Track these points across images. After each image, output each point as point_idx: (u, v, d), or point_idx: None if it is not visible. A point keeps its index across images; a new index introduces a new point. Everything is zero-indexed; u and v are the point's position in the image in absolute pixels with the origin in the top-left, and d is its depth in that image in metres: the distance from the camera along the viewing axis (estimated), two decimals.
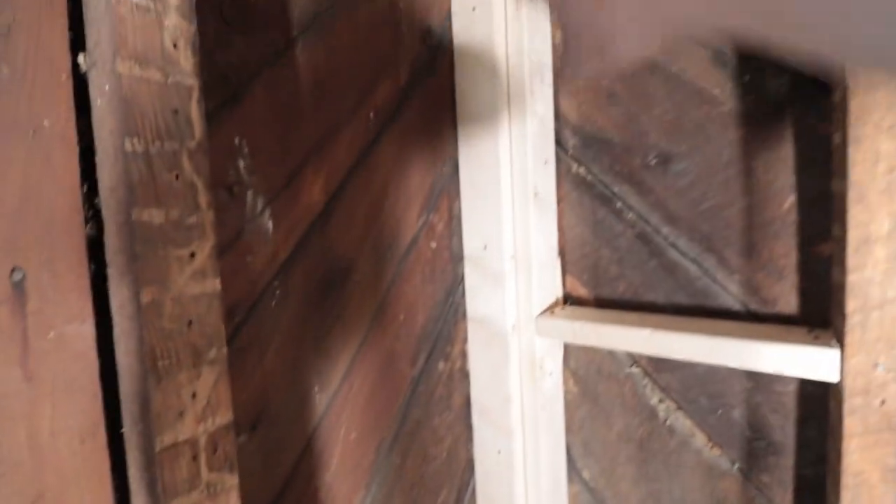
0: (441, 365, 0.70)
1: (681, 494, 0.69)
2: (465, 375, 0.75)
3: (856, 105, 0.45)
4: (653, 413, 0.70)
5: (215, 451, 0.31)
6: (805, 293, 0.57)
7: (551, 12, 0.73)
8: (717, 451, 0.65)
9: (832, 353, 0.49)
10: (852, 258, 0.46)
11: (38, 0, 0.29)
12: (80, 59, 0.31)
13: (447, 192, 0.71)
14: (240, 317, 0.42)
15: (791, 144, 0.57)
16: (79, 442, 0.31)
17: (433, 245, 0.69)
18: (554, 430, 0.77)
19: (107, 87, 0.29)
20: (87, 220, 0.32)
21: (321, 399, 0.51)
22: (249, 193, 0.43)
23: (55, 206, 0.30)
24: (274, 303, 0.45)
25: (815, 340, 0.52)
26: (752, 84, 0.58)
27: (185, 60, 0.30)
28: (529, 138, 0.70)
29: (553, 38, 0.74)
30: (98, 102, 0.30)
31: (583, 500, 0.78)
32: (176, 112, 0.29)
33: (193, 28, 0.31)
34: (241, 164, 0.42)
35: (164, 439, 0.29)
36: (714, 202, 0.62)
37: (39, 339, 0.29)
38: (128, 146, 0.27)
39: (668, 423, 0.69)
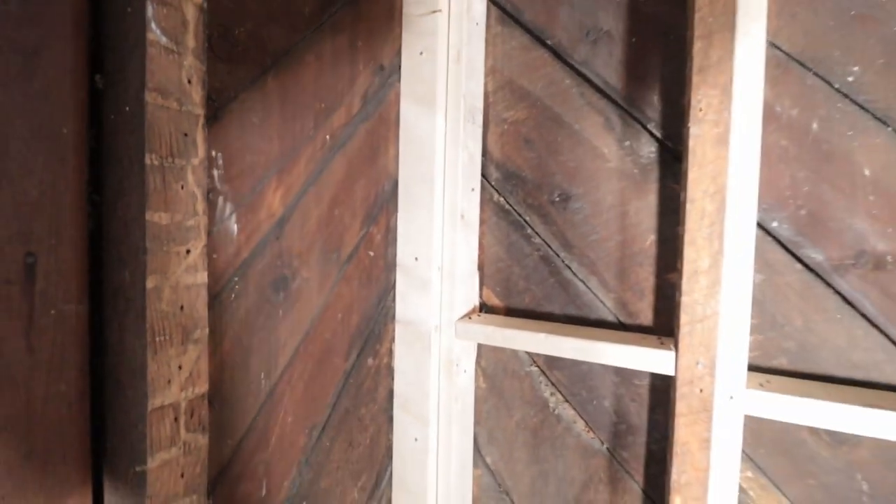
0: (370, 361, 0.79)
1: (563, 472, 0.84)
2: (391, 371, 0.84)
3: (692, 176, 0.62)
4: (545, 404, 0.84)
5: (192, 415, 0.38)
6: (658, 309, 0.75)
7: (486, 63, 0.87)
8: (591, 435, 0.81)
9: (670, 355, 0.67)
10: (685, 285, 0.64)
11: (64, 25, 0.35)
12: (97, 78, 0.37)
13: (387, 207, 0.81)
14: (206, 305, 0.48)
15: (654, 197, 0.75)
16: (66, 407, 0.36)
17: (371, 254, 0.78)
18: (464, 421, 0.88)
19: (127, 109, 0.35)
20: (89, 216, 0.37)
21: (266, 384, 0.57)
22: (220, 199, 0.50)
23: (65, 201, 0.35)
24: (233, 296, 0.52)
25: (661, 345, 0.69)
26: (630, 148, 0.76)
27: (196, 94, 0.37)
28: (460, 168, 0.82)
29: (485, 86, 0.87)
30: (112, 117, 0.36)
31: (485, 482, 0.90)
32: (186, 135, 0.36)
33: (204, 67, 0.38)
34: (216, 174, 0.48)
35: (155, 402, 0.35)
36: (599, 236, 0.79)
37: (43, 316, 0.34)
38: (147, 160, 0.34)
39: (556, 412, 0.84)
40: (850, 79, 0.63)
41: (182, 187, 0.36)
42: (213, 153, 0.48)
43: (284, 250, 0.59)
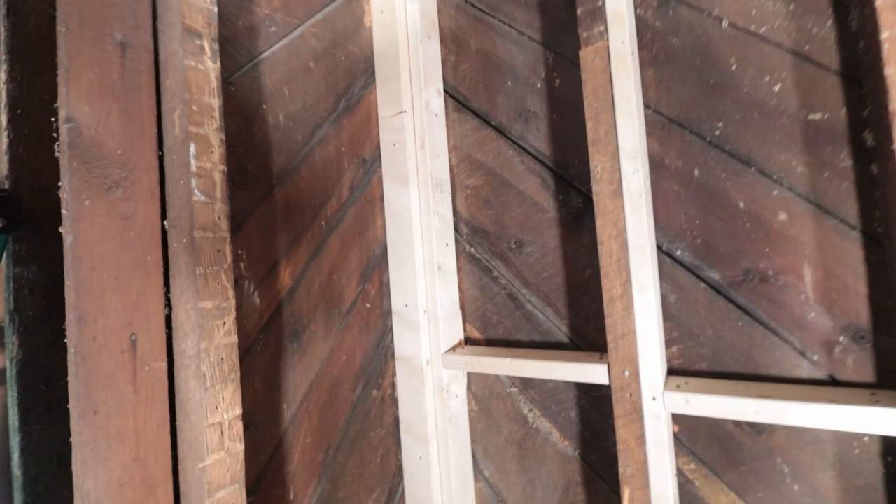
0: (375, 392, 0.98)
1: (547, 479, 0.97)
2: (395, 401, 1.03)
3: (599, 223, 0.80)
4: (525, 420, 1.00)
5: (232, 429, 0.58)
6: (601, 330, 0.91)
7: (449, 143, 1.09)
8: (565, 443, 0.95)
9: (604, 367, 0.82)
10: (606, 309, 0.80)
11: (146, 198, 0.59)
12: (165, 223, 0.60)
13: (378, 266, 1.02)
14: (240, 357, 0.69)
15: (587, 238, 0.92)
16: (156, 427, 0.57)
17: (368, 305, 0.98)
18: (461, 440, 1.04)
19: (184, 241, 0.57)
20: (165, 306, 0.59)
21: (288, 413, 0.77)
22: (245, 283, 0.72)
23: (152, 300, 0.58)
24: (259, 348, 0.73)
25: (600, 360, 0.84)
26: (563, 201, 0.94)
27: (223, 224, 0.59)
28: (434, 230, 1.03)
29: (450, 161, 1.09)
30: (174, 246, 0.59)
31: (485, 493, 1.05)
32: (218, 251, 0.58)
33: (227, 207, 0.61)
34: (242, 265, 0.71)
35: (209, 420, 0.55)
36: (549, 273, 0.96)
37: (140, 370, 0.56)
38: (196, 271, 0.56)
39: (535, 426, 0.98)
40: (718, 133, 0.80)
41: (218, 283, 0.58)
42: (240, 251, 0.71)
43: (295, 311, 0.80)
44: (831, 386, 0.70)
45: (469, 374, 1.07)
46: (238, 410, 0.59)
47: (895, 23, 0.58)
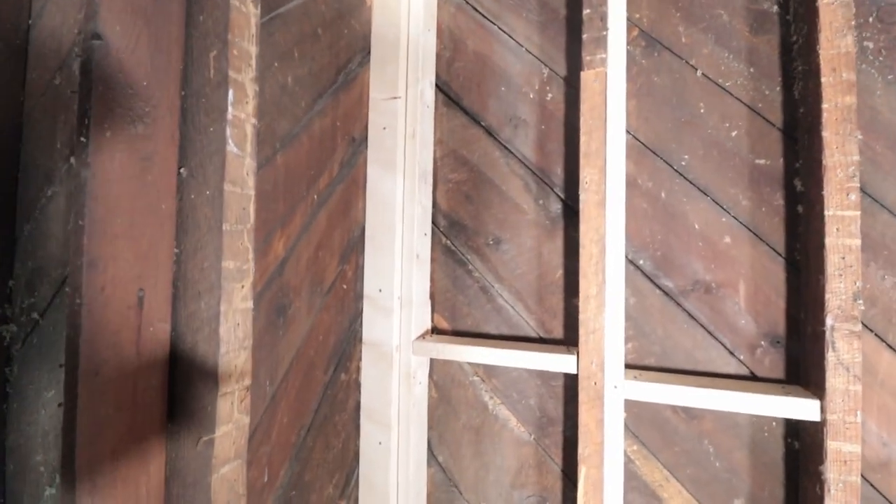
0: (343, 376, 0.96)
1: (501, 462, 1.03)
2: (358, 386, 1.01)
3: (583, 228, 0.88)
4: (485, 407, 1.05)
5: (241, 401, 0.54)
6: (566, 326, 0.99)
7: (435, 136, 1.11)
8: (522, 429, 1.02)
9: (573, 358, 0.90)
10: (581, 306, 0.88)
11: (165, 140, 0.53)
12: (182, 171, 0.55)
13: (356, 249, 1.00)
14: None
15: (561, 241, 1.00)
16: (154, 394, 0.52)
17: (344, 287, 0.96)
18: (420, 425, 1.06)
19: (207, 193, 0.53)
20: (174, 263, 0.54)
21: (270, 390, 0.73)
22: None
23: (162, 254, 0.52)
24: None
25: (568, 352, 0.93)
26: (542, 205, 1.02)
27: (250, 181, 0.55)
28: (416, 218, 1.04)
29: (434, 153, 1.11)
30: (192, 197, 0.54)
31: (437, 478, 1.07)
32: (244, 209, 0.54)
33: (255, 163, 0.57)
34: None
35: (221, 389, 0.51)
36: (522, 270, 1.03)
37: (145, 330, 0.51)
38: (223, 227, 0.52)
39: (494, 413, 1.04)
40: (683, 163, 0.93)
41: (240, 244, 0.54)
42: None
43: (284, 284, 0.77)
44: (752, 380, 0.86)
45: (432, 363, 1.09)
46: (248, 381, 0.56)
47: (834, 97, 0.74)
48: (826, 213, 0.74)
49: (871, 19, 0.84)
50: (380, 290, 1.01)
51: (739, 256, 0.88)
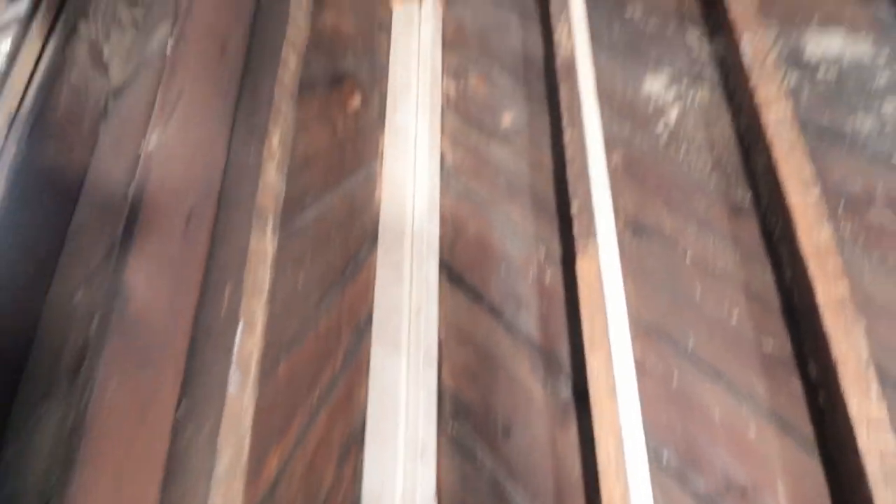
0: None
1: None
2: None
3: (596, 425, 0.83)
4: None
5: None
6: None
7: (439, 314, 1.12)
8: None
9: None
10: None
11: (170, 381, 0.52)
12: (179, 409, 0.52)
13: (357, 442, 0.93)
14: None
15: (576, 442, 0.94)
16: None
17: (340, 497, 0.86)
18: None
19: (201, 437, 0.50)
20: None
21: None
22: None
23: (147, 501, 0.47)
24: None
25: None
26: (551, 390, 0.98)
27: (248, 418, 0.53)
28: (421, 404, 0.99)
29: (439, 332, 1.10)
30: (186, 439, 0.51)
31: None
32: (240, 449, 0.51)
33: (255, 394, 0.55)
34: None
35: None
36: (537, 466, 0.94)
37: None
38: (215, 473, 0.48)
39: None
40: (691, 345, 0.92)
41: (231, 488, 0.50)
42: None
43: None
44: None
45: None
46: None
47: (826, 286, 0.76)
48: (850, 412, 0.70)
49: (839, 211, 0.91)
50: (380, 495, 0.91)
51: (770, 452, 0.81)
